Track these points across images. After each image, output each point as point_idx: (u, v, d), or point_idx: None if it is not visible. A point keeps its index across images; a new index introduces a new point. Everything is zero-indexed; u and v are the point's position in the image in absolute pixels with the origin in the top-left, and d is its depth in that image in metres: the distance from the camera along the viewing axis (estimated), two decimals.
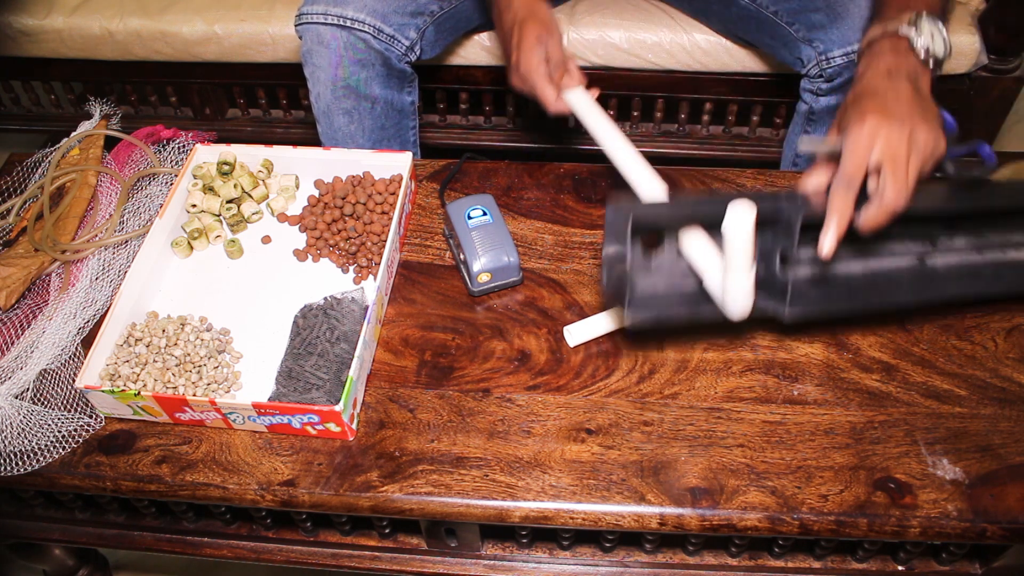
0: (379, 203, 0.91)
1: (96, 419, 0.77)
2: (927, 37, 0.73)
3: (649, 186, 0.78)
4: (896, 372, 0.78)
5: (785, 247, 0.70)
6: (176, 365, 0.78)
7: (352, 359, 0.75)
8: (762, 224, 0.69)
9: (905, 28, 0.73)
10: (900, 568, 0.79)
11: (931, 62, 0.73)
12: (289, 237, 0.92)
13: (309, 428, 0.73)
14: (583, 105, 0.88)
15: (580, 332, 0.80)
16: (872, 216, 0.67)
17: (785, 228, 0.69)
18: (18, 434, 0.75)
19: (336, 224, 0.90)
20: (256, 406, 0.71)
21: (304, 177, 0.97)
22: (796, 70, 1.08)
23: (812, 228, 0.68)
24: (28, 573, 1.19)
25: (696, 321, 0.74)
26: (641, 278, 0.73)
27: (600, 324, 0.81)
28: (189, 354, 0.79)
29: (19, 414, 0.76)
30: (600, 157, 0.94)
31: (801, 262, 0.73)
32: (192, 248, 0.91)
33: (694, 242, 0.72)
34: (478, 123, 1.46)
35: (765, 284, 0.72)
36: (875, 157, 0.67)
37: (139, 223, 0.91)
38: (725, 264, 0.69)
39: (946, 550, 0.78)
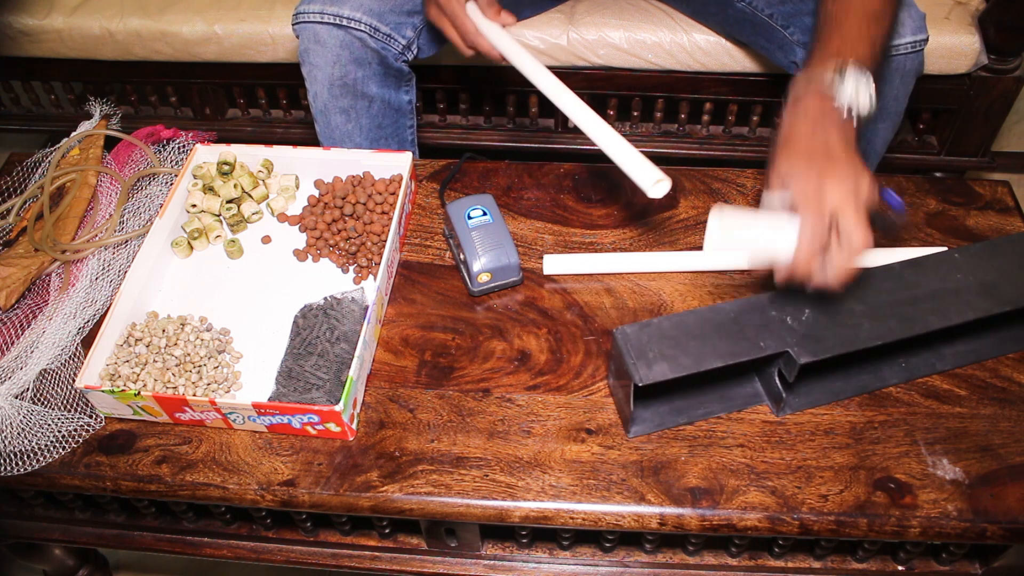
0: (379, 203, 0.91)
1: (96, 419, 0.77)
2: (851, 92, 0.71)
3: (585, 119, 0.78)
4: None
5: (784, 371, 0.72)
6: (176, 365, 0.78)
7: (352, 359, 0.75)
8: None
9: (829, 82, 0.72)
10: (900, 568, 0.79)
11: (854, 119, 0.72)
12: (289, 237, 0.92)
13: (309, 428, 0.73)
14: (504, 42, 0.84)
15: (560, 263, 0.79)
16: (844, 262, 0.66)
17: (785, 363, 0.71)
18: (18, 434, 0.75)
19: (336, 224, 0.90)
20: (256, 406, 0.71)
21: (304, 177, 0.97)
22: (791, 73, 1.07)
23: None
24: (28, 573, 1.19)
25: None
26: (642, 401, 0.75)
27: (584, 262, 0.79)
28: (189, 354, 0.79)
29: (19, 414, 0.76)
30: (601, 157, 0.95)
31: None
32: (192, 248, 0.91)
33: None
34: (478, 123, 1.46)
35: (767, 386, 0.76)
36: (830, 207, 0.66)
37: (139, 223, 0.91)
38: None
39: (946, 550, 0.78)
